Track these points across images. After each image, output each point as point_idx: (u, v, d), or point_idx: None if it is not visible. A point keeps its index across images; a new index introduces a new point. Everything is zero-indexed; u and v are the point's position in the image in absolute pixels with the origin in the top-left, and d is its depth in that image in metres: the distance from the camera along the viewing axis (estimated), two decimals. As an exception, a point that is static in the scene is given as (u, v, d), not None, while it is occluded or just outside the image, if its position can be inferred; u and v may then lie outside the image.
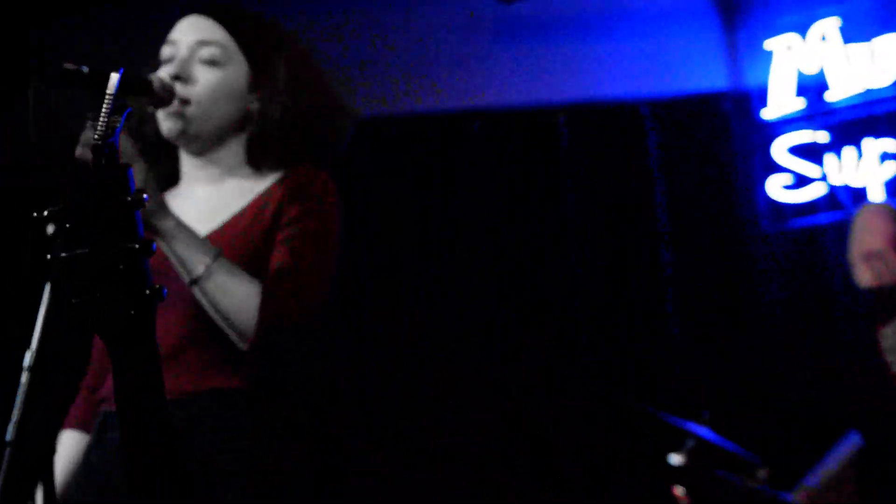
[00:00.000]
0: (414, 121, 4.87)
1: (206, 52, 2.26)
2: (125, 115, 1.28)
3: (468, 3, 4.89)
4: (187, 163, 2.36)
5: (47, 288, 1.92)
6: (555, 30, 4.86)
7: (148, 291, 1.33)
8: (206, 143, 2.30)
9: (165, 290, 1.33)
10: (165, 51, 2.29)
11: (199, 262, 2.05)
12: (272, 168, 2.31)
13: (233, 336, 2.06)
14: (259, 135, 2.29)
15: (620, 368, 4.63)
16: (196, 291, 2.06)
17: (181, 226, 2.06)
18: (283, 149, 2.30)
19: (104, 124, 1.28)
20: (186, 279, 2.07)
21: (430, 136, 4.86)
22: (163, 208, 2.04)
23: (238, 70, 2.29)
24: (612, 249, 4.73)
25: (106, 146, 1.30)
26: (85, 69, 1.84)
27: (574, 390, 4.61)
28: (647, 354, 4.63)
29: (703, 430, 3.62)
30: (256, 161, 2.31)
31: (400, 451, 4.39)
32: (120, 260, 1.32)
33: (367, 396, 4.47)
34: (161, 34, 2.31)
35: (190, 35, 2.28)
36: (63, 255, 1.29)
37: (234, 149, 2.32)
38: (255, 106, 2.29)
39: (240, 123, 2.31)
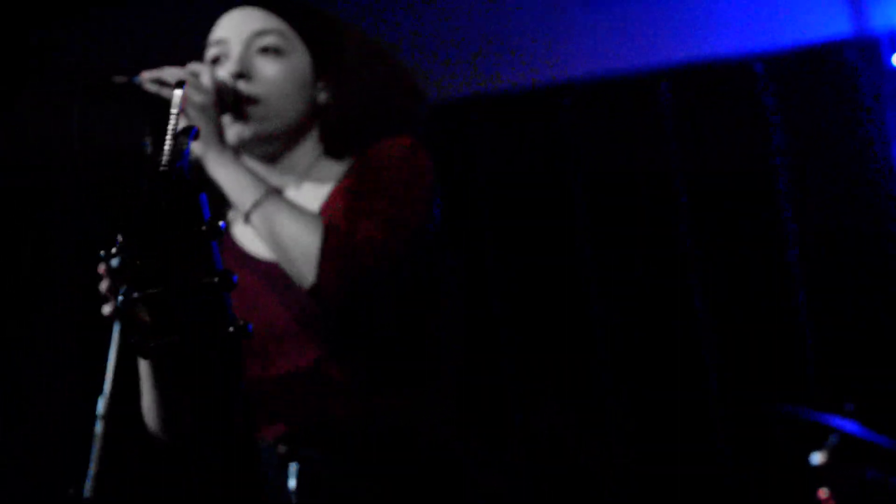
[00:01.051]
0: (498, 101, 4.83)
1: (266, 42, 2.22)
2: (192, 135, 1.25)
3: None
4: (265, 171, 2.31)
5: (116, 330, 1.91)
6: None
7: (232, 329, 1.31)
8: (279, 146, 2.26)
9: (251, 326, 1.31)
10: (211, 52, 2.25)
11: (250, 194, 2.04)
12: (354, 152, 2.29)
13: (294, 275, 2.04)
14: (333, 126, 2.27)
15: (749, 363, 4.56)
16: (254, 221, 2.06)
17: (231, 156, 2.06)
18: (361, 136, 2.27)
19: (171, 147, 1.26)
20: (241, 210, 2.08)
21: (516, 116, 4.83)
22: (217, 138, 2.04)
23: (302, 58, 2.26)
24: (730, 228, 4.67)
25: (174, 171, 1.28)
26: (137, 80, 1.82)
27: (701, 390, 4.56)
28: (776, 343, 4.56)
29: (847, 424, 3.57)
30: (334, 152, 2.29)
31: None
32: (199, 297, 1.30)
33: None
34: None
35: (243, 28, 2.23)
36: (134, 295, 1.28)
37: (309, 148, 2.29)
38: (322, 96, 2.27)
39: (309, 119, 2.28)
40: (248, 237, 2.26)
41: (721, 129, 4.72)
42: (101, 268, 1.63)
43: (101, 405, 1.87)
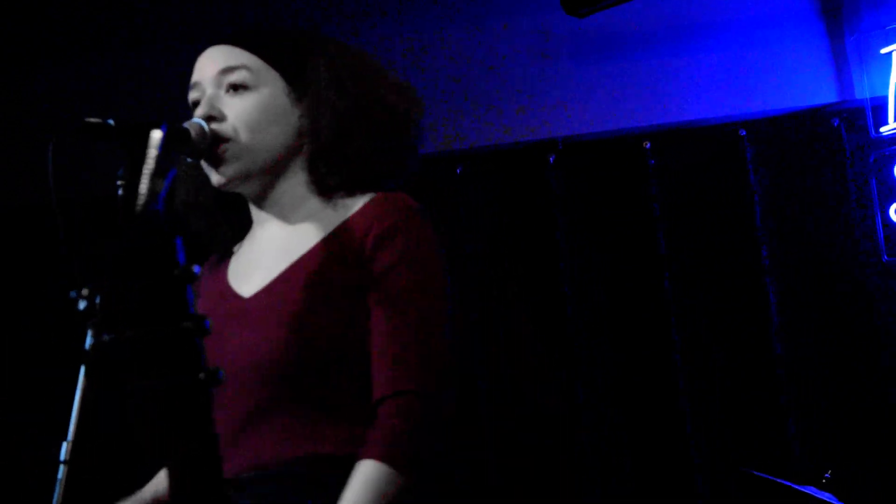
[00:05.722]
0: (484, 156, 4.85)
1: (232, 79, 2.16)
2: (170, 177, 1.24)
3: (536, 20, 4.86)
4: (253, 210, 2.27)
5: (82, 373, 1.88)
6: (634, 44, 4.82)
7: (203, 375, 1.29)
8: (262, 181, 2.20)
9: (222, 373, 1.29)
10: (191, 96, 2.20)
11: None
12: (343, 193, 2.19)
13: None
14: (316, 151, 2.18)
15: (726, 428, 4.56)
16: None
17: None
18: (347, 162, 2.18)
19: (148, 189, 1.25)
20: None
21: (502, 171, 4.84)
22: None
23: (274, 88, 2.19)
24: (712, 288, 4.68)
25: (149, 214, 1.27)
26: (111, 122, 1.80)
27: (678, 456, 4.54)
28: (755, 409, 4.56)
29: (824, 495, 3.55)
30: (321, 184, 2.19)
31: None
32: (170, 342, 1.29)
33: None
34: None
35: (211, 68, 2.18)
36: (104, 338, 1.26)
37: (297, 178, 2.21)
38: (303, 120, 2.20)
39: (294, 147, 2.20)
40: (237, 271, 2.23)
41: (704, 192, 4.74)
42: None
43: (64, 450, 1.83)
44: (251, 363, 2.05)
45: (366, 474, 1.93)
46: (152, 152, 1.26)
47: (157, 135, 1.27)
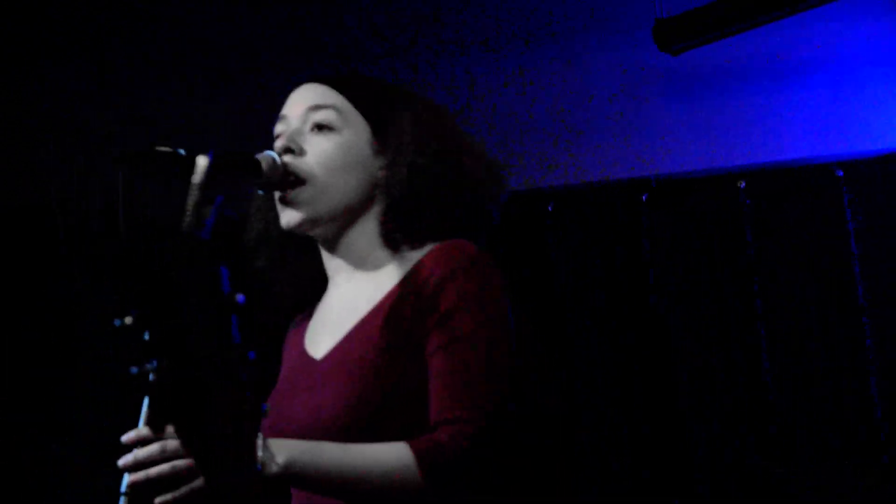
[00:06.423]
0: (576, 194, 4.84)
1: (318, 117, 2.15)
2: (217, 203, 1.23)
3: (630, 57, 4.84)
4: (324, 256, 2.24)
5: (145, 404, 1.88)
6: (728, 81, 4.77)
7: (246, 407, 1.28)
8: (332, 227, 2.17)
9: (265, 406, 1.27)
10: (277, 128, 2.19)
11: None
12: (412, 246, 2.16)
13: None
14: (390, 205, 2.15)
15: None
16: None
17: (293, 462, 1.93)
18: (420, 219, 2.15)
19: (191, 215, 1.24)
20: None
21: (592, 210, 4.82)
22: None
23: (358, 134, 2.17)
24: (805, 331, 4.61)
25: (194, 239, 1.26)
26: (182, 152, 1.79)
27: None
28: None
29: None
30: (391, 238, 2.16)
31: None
32: (215, 375, 1.27)
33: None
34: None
35: (300, 104, 2.17)
36: (153, 368, 1.24)
37: (367, 228, 2.18)
38: (381, 172, 2.17)
39: (369, 198, 2.17)
40: (313, 332, 2.23)
41: (799, 233, 4.68)
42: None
43: (125, 481, 1.83)
44: (313, 425, 2.03)
45: (394, 448, 1.93)
46: (197, 178, 1.24)
47: (202, 162, 1.27)
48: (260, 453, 1.75)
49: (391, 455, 1.92)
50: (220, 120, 4.58)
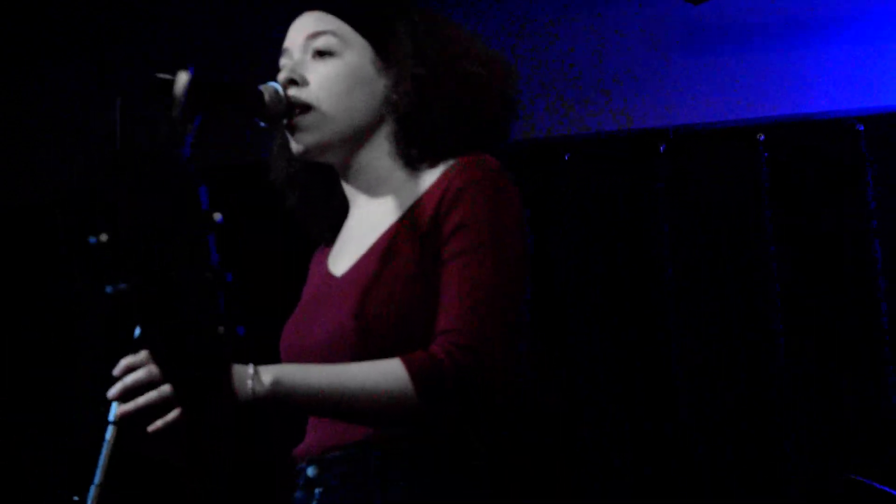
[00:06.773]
0: (593, 142, 4.82)
1: (318, 44, 2.14)
2: (197, 121, 1.21)
3: (650, 7, 4.79)
4: (344, 186, 2.23)
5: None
6: (751, 35, 4.72)
7: (221, 329, 1.25)
8: (343, 151, 2.15)
9: (242, 329, 1.25)
10: (281, 63, 2.19)
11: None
12: (427, 164, 2.13)
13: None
14: (399, 121, 2.13)
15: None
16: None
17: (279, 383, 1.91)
18: (432, 131, 2.12)
19: (170, 131, 1.21)
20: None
21: (613, 158, 4.80)
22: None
23: (360, 55, 2.14)
24: (821, 291, 4.59)
25: (173, 157, 1.23)
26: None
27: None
28: (862, 410, 4.48)
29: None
30: (405, 156, 2.14)
31: None
32: (188, 294, 1.25)
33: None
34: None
35: (300, 34, 2.17)
36: (120, 287, 1.22)
37: (381, 150, 2.16)
38: (388, 90, 2.15)
39: (378, 118, 2.15)
40: (335, 253, 2.22)
41: (818, 188, 4.65)
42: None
43: (113, 410, 1.82)
44: (325, 340, 2.04)
45: (387, 363, 1.90)
46: (178, 92, 1.22)
47: (183, 77, 1.24)
48: (247, 377, 1.74)
49: (384, 370, 1.90)
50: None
